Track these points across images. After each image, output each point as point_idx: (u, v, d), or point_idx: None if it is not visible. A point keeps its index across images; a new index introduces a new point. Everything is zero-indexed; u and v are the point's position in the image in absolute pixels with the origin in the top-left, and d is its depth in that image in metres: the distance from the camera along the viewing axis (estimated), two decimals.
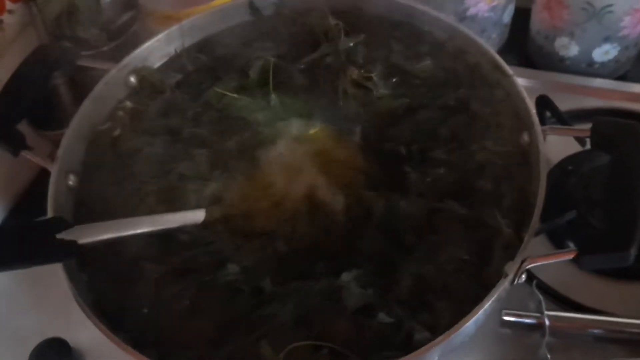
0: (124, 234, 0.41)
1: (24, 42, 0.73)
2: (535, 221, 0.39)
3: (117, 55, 0.55)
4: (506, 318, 0.50)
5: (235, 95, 0.50)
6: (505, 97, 0.47)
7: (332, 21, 0.52)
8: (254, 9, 0.56)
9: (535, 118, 0.44)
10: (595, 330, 0.49)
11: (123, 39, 0.74)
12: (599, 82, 0.70)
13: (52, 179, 0.45)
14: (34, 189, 0.66)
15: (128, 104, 0.52)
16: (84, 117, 0.50)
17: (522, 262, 0.37)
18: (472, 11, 0.71)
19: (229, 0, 0.57)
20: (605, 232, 0.36)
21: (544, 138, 0.43)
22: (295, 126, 0.48)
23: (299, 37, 0.54)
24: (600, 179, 0.52)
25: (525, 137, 0.44)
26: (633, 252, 0.35)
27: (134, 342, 0.38)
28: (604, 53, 0.70)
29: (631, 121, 0.41)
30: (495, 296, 0.36)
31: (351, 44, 0.51)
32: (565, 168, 0.59)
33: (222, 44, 0.55)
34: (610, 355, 0.48)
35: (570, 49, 0.70)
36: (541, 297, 0.50)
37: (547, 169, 0.41)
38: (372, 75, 0.49)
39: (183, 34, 0.56)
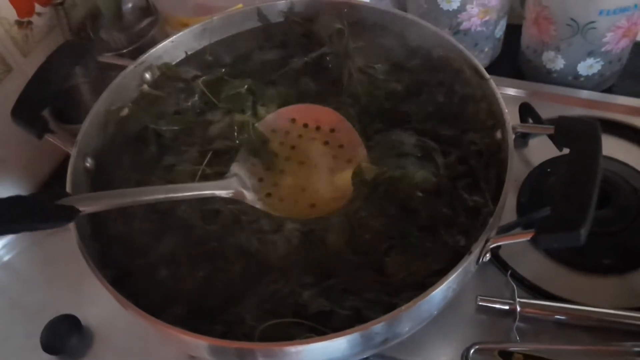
0: (127, 202, 0.45)
1: (50, 42, 0.79)
2: (500, 206, 0.43)
3: (135, 57, 0.60)
4: (481, 304, 0.54)
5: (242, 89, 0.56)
6: (483, 97, 0.51)
7: (337, 25, 0.57)
8: (261, 16, 0.62)
9: (507, 117, 0.48)
10: (563, 317, 0.53)
11: (141, 43, 0.80)
12: (583, 94, 0.74)
13: (71, 161, 0.50)
14: (59, 173, 0.73)
15: (144, 87, 0.58)
16: (102, 106, 0.55)
17: (486, 241, 0.42)
18: (465, 25, 0.76)
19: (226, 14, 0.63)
20: (561, 215, 0.40)
21: (514, 134, 0.47)
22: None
23: (306, 40, 0.59)
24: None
25: (499, 134, 0.49)
26: (583, 232, 0.39)
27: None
28: (588, 67, 0.74)
29: (591, 119, 0.45)
30: (459, 270, 0.40)
31: (354, 45, 0.56)
32: (544, 170, 0.63)
33: (232, 47, 0.61)
34: (575, 341, 0.52)
35: (556, 62, 0.75)
36: (515, 285, 0.55)
37: (514, 161, 0.45)
38: (375, 66, 0.55)
39: (195, 37, 0.61)
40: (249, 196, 0.49)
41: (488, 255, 0.43)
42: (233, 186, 0.49)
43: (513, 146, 0.46)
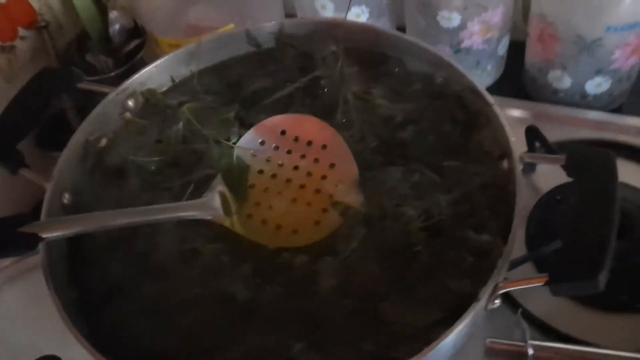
0: (97, 226, 0.42)
1: (35, 67, 0.76)
2: (509, 247, 0.39)
3: (124, 80, 0.57)
4: (490, 346, 0.50)
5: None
6: (486, 124, 0.48)
7: (331, 47, 0.54)
8: (250, 38, 0.58)
9: (514, 145, 0.45)
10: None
11: (129, 65, 0.77)
12: (591, 114, 0.70)
13: (46, 197, 0.47)
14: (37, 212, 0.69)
15: (126, 115, 0.54)
16: (81, 136, 0.52)
17: (495, 287, 0.38)
18: (466, 44, 0.72)
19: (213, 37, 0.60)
20: (574, 259, 0.36)
21: (521, 164, 0.43)
22: None
23: (298, 63, 0.56)
24: None
25: (505, 164, 0.45)
26: (602, 279, 0.35)
27: None
28: (596, 85, 0.70)
29: (604, 149, 0.41)
30: (467, 320, 0.36)
31: (349, 70, 0.53)
32: (553, 197, 0.60)
33: (221, 74, 0.58)
34: None
35: (563, 81, 0.71)
36: (526, 326, 0.50)
37: (522, 195, 0.41)
38: (371, 90, 0.51)
39: (180, 62, 0.58)
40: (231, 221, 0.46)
41: (497, 302, 0.39)
42: (210, 205, 0.46)
43: (521, 179, 0.42)
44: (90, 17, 0.79)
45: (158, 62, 0.57)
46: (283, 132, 0.50)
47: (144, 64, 0.79)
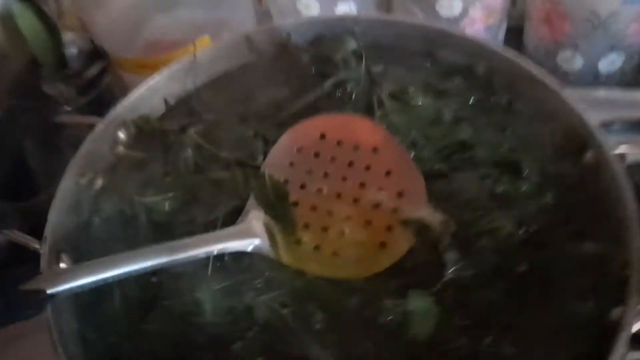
0: (111, 274, 0.34)
1: None
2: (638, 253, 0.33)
3: (90, 112, 0.48)
4: None
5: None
6: (553, 114, 0.42)
7: (351, 46, 0.47)
8: (251, 44, 0.50)
9: (599, 134, 0.39)
10: None
11: (96, 93, 0.67)
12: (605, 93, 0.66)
13: (43, 263, 0.37)
14: None
15: (120, 150, 0.45)
16: (70, 181, 0.42)
17: None
18: (468, 32, 0.67)
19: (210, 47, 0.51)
20: None
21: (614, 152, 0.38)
22: None
23: (314, 68, 0.48)
24: None
25: (589, 157, 0.40)
26: None
27: None
28: (609, 63, 0.67)
29: None
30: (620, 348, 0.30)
31: (375, 68, 0.46)
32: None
33: (225, 88, 0.49)
34: None
35: (574, 62, 0.67)
36: None
37: (629, 187, 0.36)
38: (407, 89, 0.44)
39: (173, 80, 0.49)
40: (276, 249, 0.38)
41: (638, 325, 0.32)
42: (251, 232, 0.38)
43: (622, 168, 0.37)
44: (40, 42, 0.68)
45: (148, 82, 0.48)
46: (322, 137, 0.42)
47: (110, 90, 0.70)
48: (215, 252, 0.37)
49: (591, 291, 0.34)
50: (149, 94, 0.48)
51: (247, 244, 0.37)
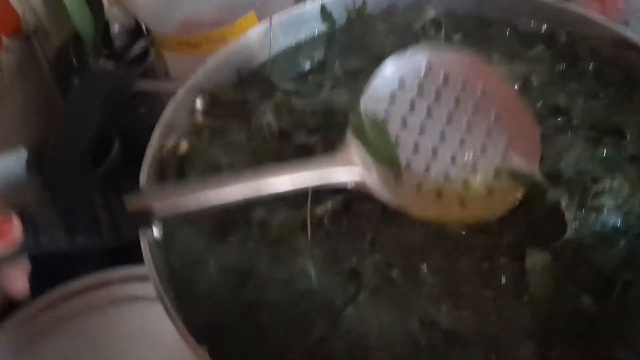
0: (219, 200, 0.34)
1: (23, 82, 0.63)
2: None
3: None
4: None
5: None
6: None
7: (430, 14, 0.46)
8: (325, 14, 0.49)
9: None
10: None
11: (140, 71, 0.66)
12: None
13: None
14: None
15: (199, 118, 0.44)
16: (156, 148, 0.41)
17: None
18: None
19: (254, 23, 0.50)
20: None
21: None
22: None
23: (391, 38, 0.47)
24: None
25: None
26: None
27: None
28: None
29: None
30: None
31: (456, 36, 0.45)
32: None
33: (295, 57, 0.48)
34: None
35: None
36: None
37: None
38: (492, 55, 0.43)
39: (247, 50, 0.48)
40: (372, 182, 0.36)
41: None
42: (350, 160, 0.36)
43: None
44: (83, 18, 0.66)
45: (223, 53, 0.47)
46: (429, 69, 0.39)
47: (153, 68, 0.69)
48: (314, 183, 0.35)
49: None
50: (222, 63, 0.47)
51: (348, 174, 0.36)
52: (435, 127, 0.38)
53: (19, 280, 0.31)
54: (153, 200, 0.32)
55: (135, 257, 0.34)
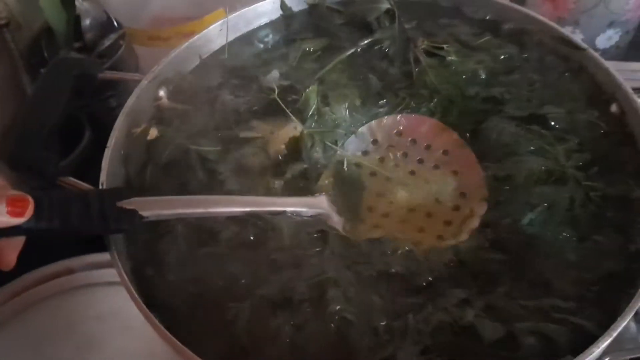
0: (197, 212, 0.37)
1: None
2: None
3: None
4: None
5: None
6: (580, 70, 0.45)
7: (384, 5, 0.49)
8: (285, 9, 0.52)
9: (626, 85, 0.42)
10: None
11: (110, 64, 0.68)
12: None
13: None
14: None
15: (163, 101, 0.46)
16: (121, 133, 0.43)
17: None
18: None
19: (221, 18, 0.52)
20: None
21: None
22: None
23: (348, 29, 0.50)
24: None
25: (614, 107, 0.43)
26: None
27: None
28: (607, 39, 0.71)
29: None
30: None
31: (409, 25, 0.48)
32: None
33: (255, 44, 0.51)
34: None
35: (574, 37, 0.71)
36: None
37: None
38: (443, 46, 0.47)
39: (210, 40, 0.51)
40: (336, 219, 0.40)
41: None
42: (321, 206, 0.40)
43: None
44: (55, 12, 0.68)
45: (189, 42, 0.49)
46: (399, 134, 0.45)
47: (124, 61, 0.71)
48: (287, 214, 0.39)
49: (619, 226, 0.37)
50: (187, 54, 0.49)
51: (317, 214, 0.40)
52: (400, 180, 0.43)
53: (11, 253, 0.33)
54: (140, 204, 0.35)
55: (100, 245, 0.37)
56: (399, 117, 0.45)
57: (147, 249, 0.39)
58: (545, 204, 0.38)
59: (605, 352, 0.45)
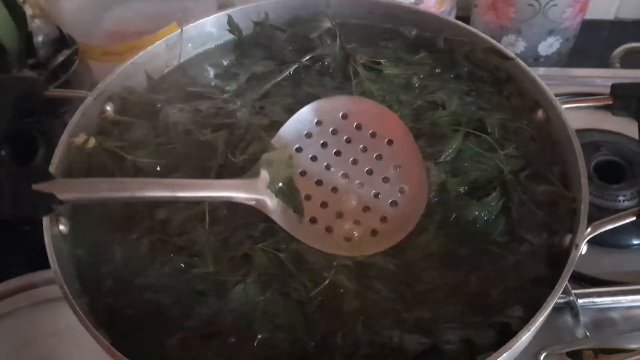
0: (122, 196, 0.36)
1: None
2: (585, 189, 0.39)
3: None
4: None
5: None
6: (506, 79, 0.48)
7: (325, 24, 0.51)
8: (232, 24, 0.53)
9: (551, 93, 0.44)
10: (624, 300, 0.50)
11: (64, 80, 0.68)
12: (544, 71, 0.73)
13: (45, 226, 0.39)
14: None
15: (108, 113, 0.47)
16: (65, 145, 0.44)
17: (589, 231, 0.37)
18: None
19: (173, 32, 0.53)
20: None
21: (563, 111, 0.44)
22: None
23: (292, 46, 0.52)
24: None
25: (540, 114, 0.45)
26: None
27: None
28: (548, 46, 0.74)
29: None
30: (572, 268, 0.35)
31: (350, 46, 0.50)
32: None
33: (207, 63, 0.52)
34: None
35: (517, 45, 0.74)
36: None
37: (577, 139, 0.41)
38: (380, 60, 0.49)
39: (159, 55, 0.52)
40: (272, 206, 0.39)
41: (585, 248, 0.38)
42: (256, 188, 0.39)
43: (571, 124, 0.42)
44: (6, 29, 0.68)
45: (135, 58, 0.50)
46: (344, 116, 0.42)
47: (78, 77, 0.71)
48: (220, 199, 0.39)
49: (546, 224, 0.40)
50: (133, 70, 0.50)
51: (252, 199, 0.39)
52: (341, 168, 0.41)
53: None
54: (57, 185, 0.34)
55: None
56: (345, 98, 0.44)
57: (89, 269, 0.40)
58: (487, 210, 0.40)
59: (542, 347, 0.48)
